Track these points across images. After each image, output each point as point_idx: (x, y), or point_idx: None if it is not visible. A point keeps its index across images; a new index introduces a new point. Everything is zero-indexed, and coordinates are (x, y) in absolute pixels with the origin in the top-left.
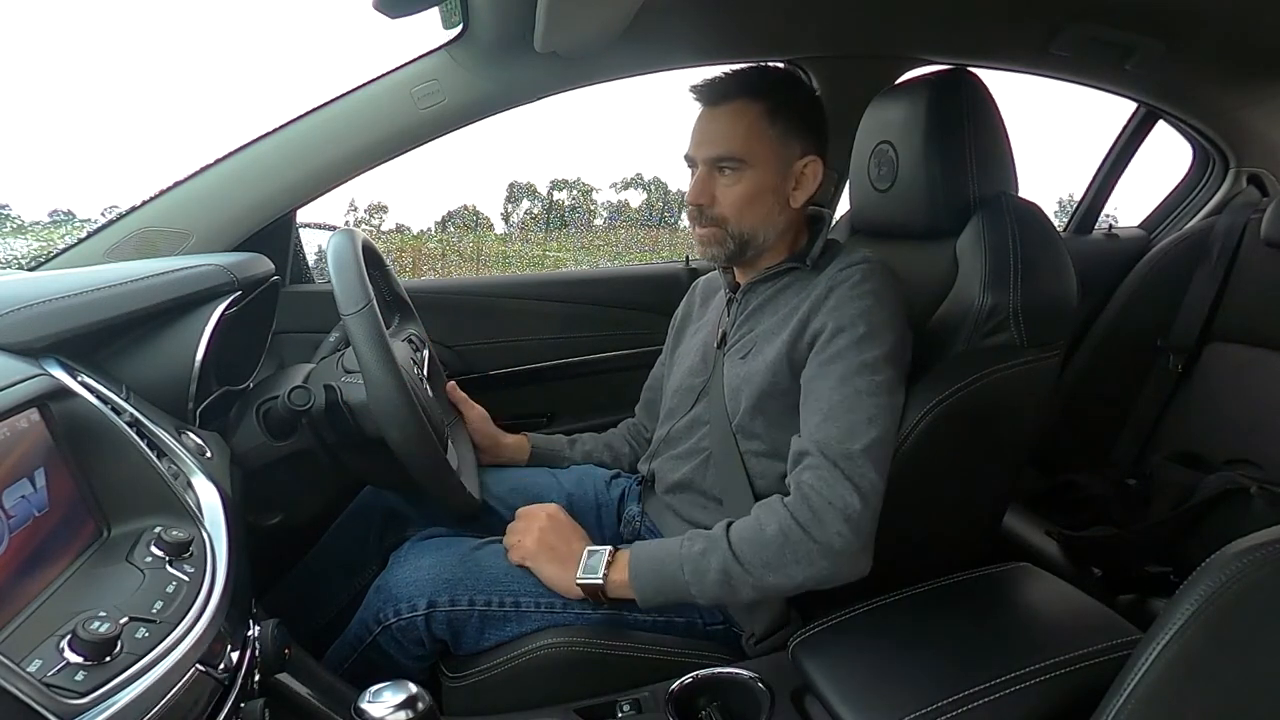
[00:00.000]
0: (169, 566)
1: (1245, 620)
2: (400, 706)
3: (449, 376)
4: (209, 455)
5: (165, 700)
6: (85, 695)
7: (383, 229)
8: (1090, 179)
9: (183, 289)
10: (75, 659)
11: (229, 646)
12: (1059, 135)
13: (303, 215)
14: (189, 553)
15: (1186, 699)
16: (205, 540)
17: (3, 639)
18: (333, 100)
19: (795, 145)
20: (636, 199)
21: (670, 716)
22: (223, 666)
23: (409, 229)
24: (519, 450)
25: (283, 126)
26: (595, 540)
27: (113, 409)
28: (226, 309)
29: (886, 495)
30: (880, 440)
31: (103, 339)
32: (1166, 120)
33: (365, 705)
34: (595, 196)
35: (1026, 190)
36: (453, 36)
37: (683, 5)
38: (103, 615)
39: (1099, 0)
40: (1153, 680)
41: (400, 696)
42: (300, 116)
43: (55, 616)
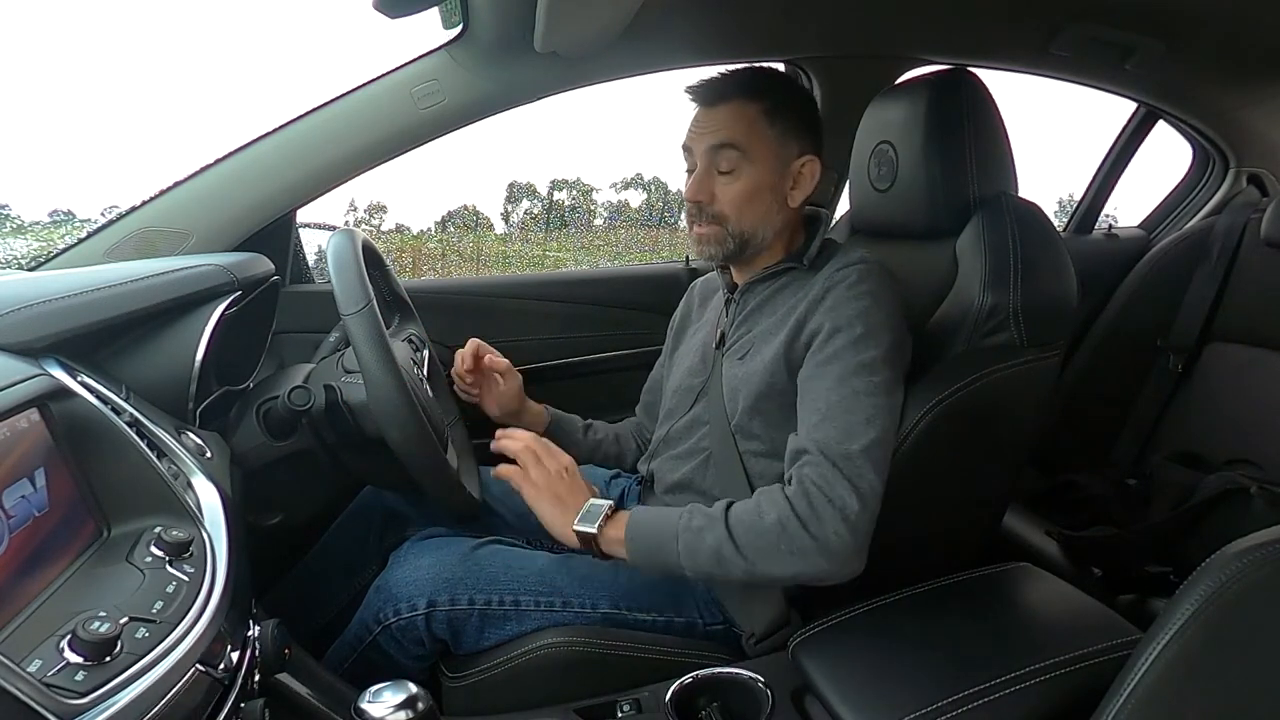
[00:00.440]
0: (169, 566)
1: (1245, 620)
2: (400, 706)
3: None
4: (209, 455)
5: (165, 700)
6: (85, 695)
7: (383, 229)
8: (1090, 179)
9: (183, 289)
10: (75, 659)
11: (229, 646)
12: (1059, 135)
13: (303, 215)
14: (189, 553)
15: (1186, 699)
16: (205, 540)
17: (3, 639)
18: (333, 100)
19: (793, 145)
20: (636, 199)
21: (670, 716)
22: (223, 666)
23: (409, 229)
24: (537, 419)
25: (283, 126)
26: None
27: (113, 409)
28: (226, 309)
29: (886, 495)
30: (878, 441)
31: (103, 339)
32: (1166, 120)
33: (365, 705)
34: (595, 196)
35: (1026, 190)
36: (453, 36)
37: (682, 5)
38: (103, 615)
39: (1099, 0)
40: (1153, 680)
41: (400, 696)
42: (300, 116)
43: (55, 616)
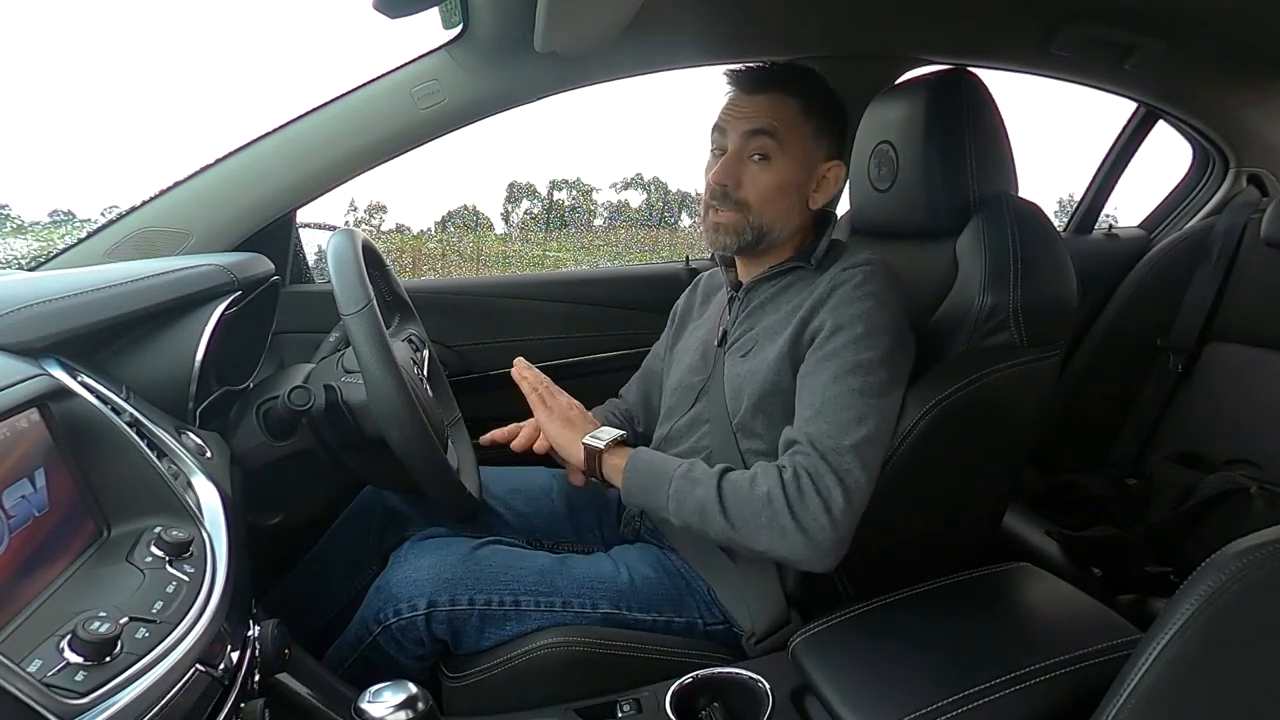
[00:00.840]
0: (169, 566)
1: (1245, 620)
2: (400, 706)
3: (449, 376)
4: (209, 455)
5: (165, 700)
6: (85, 695)
7: (383, 229)
8: (1090, 179)
9: (183, 289)
10: (75, 659)
11: (229, 646)
12: (1059, 135)
13: (303, 215)
14: (189, 553)
15: (1186, 699)
16: (205, 540)
17: (3, 639)
18: (332, 100)
19: (823, 147)
20: (636, 199)
21: (670, 716)
22: (223, 666)
23: (409, 229)
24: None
25: (283, 126)
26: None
27: (113, 409)
28: (226, 309)
29: (887, 495)
30: (869, 439)
31: (103, 339)
32: (1166, 120)
33: (365, 705)
34: (595, 196)
35: (1026, 190)
36: (453, 36)
37: (683, 5)
38: (103, 615)
39: (1099, 0)
40: (1153, 680)
41: (400, 696)
42: (300, 116)
43: (55, 616)
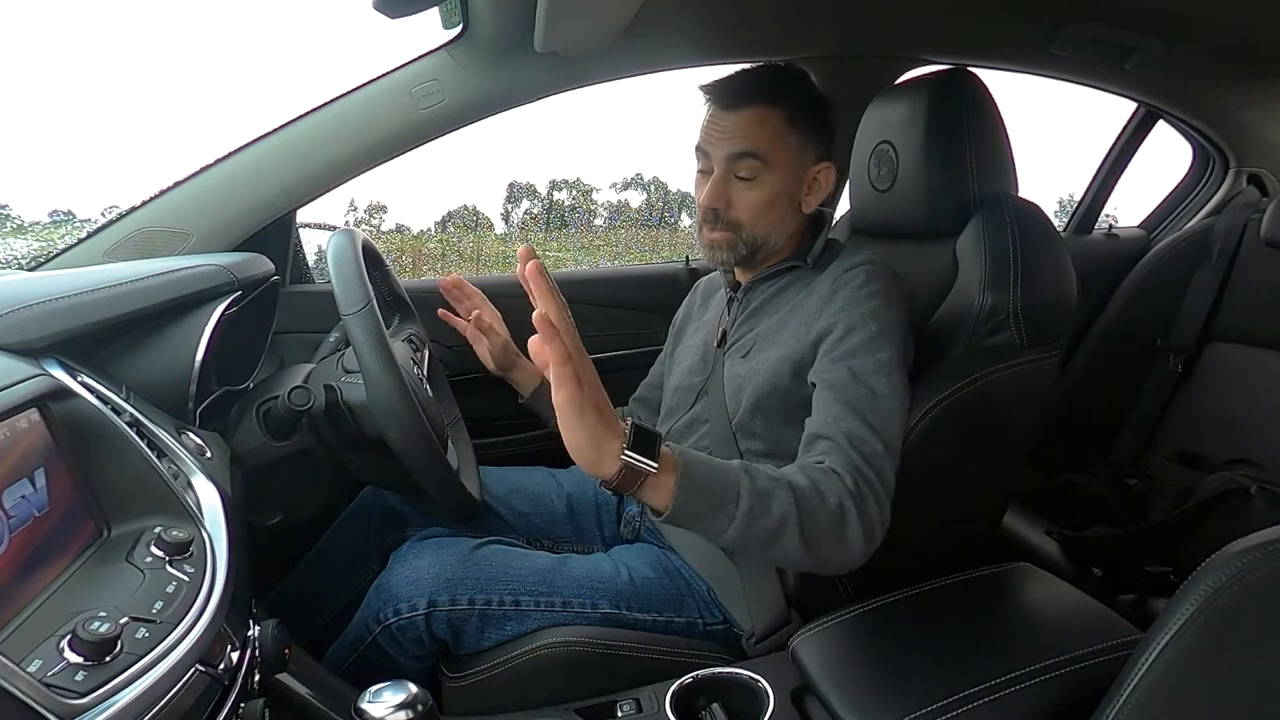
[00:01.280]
0: (169, 566)
1: (1245, 620)
2: (400, 706)
3: (449, 376)
4: (209, 455)
5: (165, 700)
6: (85, 695)
7: (383, 229)
8: (1090, 179)
9: (183, 289)
10: (75, 659)
11: (229, 646)
12: (1059, 135)
13: (303, 215)
14: (189, 553)
15: (1186, 699)
16: (205, 540)
17: (3, 639)
18: (332, 100)
19: (811, 151)
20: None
21: (670, 716)
22: (223, 666)
23: (409, 229)
24: (531, 378)
25: (282, 127)
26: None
27: (113, 409)
28: (226, 309)
29: None
30: (894, 442)
31: (103, 339)
32: (1166, 120)
33: (365, 705)
34: (595, 196)
35: (1026, 190)
36: (453, 36)
37: (683, 5)
38: (103, 615)
39: (1099, 0)
40: (1153, 680)
41: (400, 696)
42: (300, 117)
43: (55, 616)
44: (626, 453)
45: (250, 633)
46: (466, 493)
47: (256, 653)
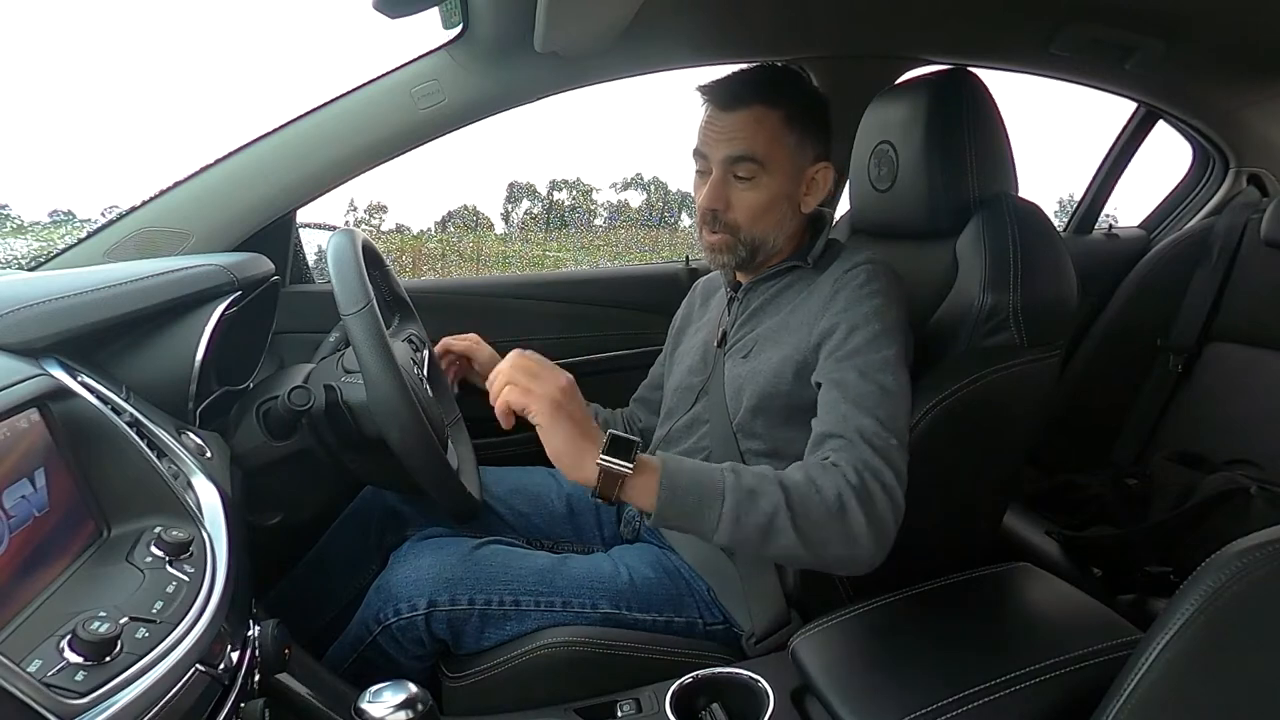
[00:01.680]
0: (169, 566)
1: (1245, 620)
2: (400, 706)
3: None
4: (209, 455)
5: (165, 700)
6: (85, 695)
7: (383, 229)
8: (1090, 179)
9: (183, 289)
10: (75, 659)
11: (229, 646)
12: (1059, 135)
13: (303, 215)
14: (189, 553)
15: (1186, 699)
16: (205, 540)
17: (3, 639)
18: (332, 100)
19: (809, 152)
20: (636, 199)
21: (670, 716)
22: (223, 666)
23: (409, 229)
24: None
25: (282, 127)
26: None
27: (113, 409)
28: (226, 309)
29: None
30: (904, 437)
31: (103, 339)
32: (1166, 120)
33: (365, 705)
34: (595, 196)
35: (1026, 190)
36: (453, 36)
37: (683, 6)
38: (103, 615)
39: (1099, 0)
40: (1153, 680)
41: (400, 696)
42: (300, 117)
43: (55, 616)
44: (603, 458)
45: (250, 633)
46: (466, 493)
47: (256, 653)
